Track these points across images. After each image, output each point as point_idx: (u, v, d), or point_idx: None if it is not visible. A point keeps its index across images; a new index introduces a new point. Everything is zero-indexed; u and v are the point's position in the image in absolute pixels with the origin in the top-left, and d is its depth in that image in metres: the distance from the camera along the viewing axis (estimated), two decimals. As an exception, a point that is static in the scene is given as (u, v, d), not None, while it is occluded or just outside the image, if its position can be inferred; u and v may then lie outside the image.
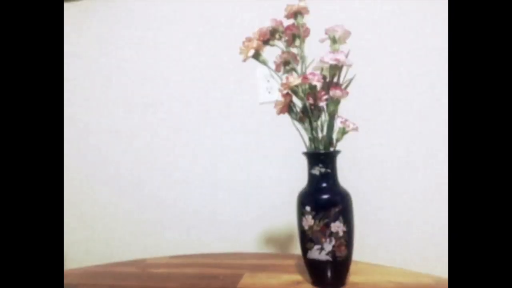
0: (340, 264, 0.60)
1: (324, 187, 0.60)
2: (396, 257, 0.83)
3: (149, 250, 0.99)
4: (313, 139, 0.61)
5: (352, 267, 0.63)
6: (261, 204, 0.94)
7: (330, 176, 0.60)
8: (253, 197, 0.95)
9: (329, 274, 0.60)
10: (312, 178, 0.61)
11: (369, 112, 0.86)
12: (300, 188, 0.63)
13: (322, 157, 0.60)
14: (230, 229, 0.97)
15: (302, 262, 0.64)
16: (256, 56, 0.62)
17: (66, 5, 1.02)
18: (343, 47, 0.60)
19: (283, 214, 0.88)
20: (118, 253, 1.03)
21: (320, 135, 0.61)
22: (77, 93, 1.05)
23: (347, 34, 0.59)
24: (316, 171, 0.60)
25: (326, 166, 0.60)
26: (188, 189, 0.99)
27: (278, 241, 0.93)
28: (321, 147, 0.61)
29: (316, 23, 0.62)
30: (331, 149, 0.61)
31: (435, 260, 0.79)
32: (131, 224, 1.03)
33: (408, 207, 0.85)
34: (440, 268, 0.71)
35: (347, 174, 0.68)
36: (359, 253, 0.66)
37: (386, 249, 0.86)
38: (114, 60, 1.02)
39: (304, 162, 0.62)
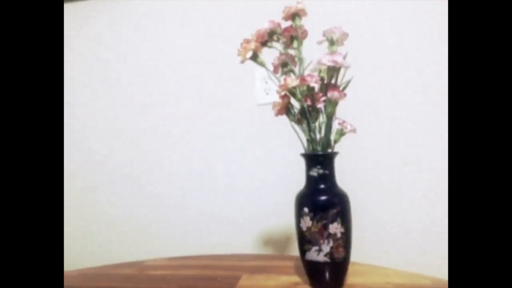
0: (338, 265, 0.60)
1: (322, 189, 0.60)
2: (394, 258, 0.83)
3: (146, 251, 0.99)
4: (311, 140, 0.61)
5: (350, 269, 0.63)
6: (259, 205, 0.94)
7: (328, 178, 0.61)
8: (251, 199, 0.95)
9: (327, 275, 0.60)
10: (310, 179, 0.61)
11: (367, 114, 0.86)
12: (298, 189, 0.63)
13: (320, 159, 0.60)
14: (228, 231, 0.96)
15: (300, 263, 0.64)
16: (254, 57, 0.62)
17: (66, 5, 1.02)
18: (341, 49, 0.60)
19: (281, 216, 0.87)
20: (116, 254, 1.02)
21: (318, 136, 0.61)
22: (77, 93, 1.05)
23: (345, 36, 0.60)
24: (314, 172, 0.60)
25: (324, 168, 0.60)
26: (186, 190, 0.99)
27: (276, 242, 0.93)
28: (319, 148, 0.61)
29: (314, 25, 0.62)
30: (329, 150, 0.61)
31: (433, 261, 0.79)
32: (129, 225, 1.03)
33: (406, 209, 0.85)
34: (438, 269, 0.71)
35: (345, 176, 0.68)
36: (357, 255, 0.66)
37: (384, 251, 0.86)
38: (114, 60, 1.02)
39: (302, 163, 0.62)
